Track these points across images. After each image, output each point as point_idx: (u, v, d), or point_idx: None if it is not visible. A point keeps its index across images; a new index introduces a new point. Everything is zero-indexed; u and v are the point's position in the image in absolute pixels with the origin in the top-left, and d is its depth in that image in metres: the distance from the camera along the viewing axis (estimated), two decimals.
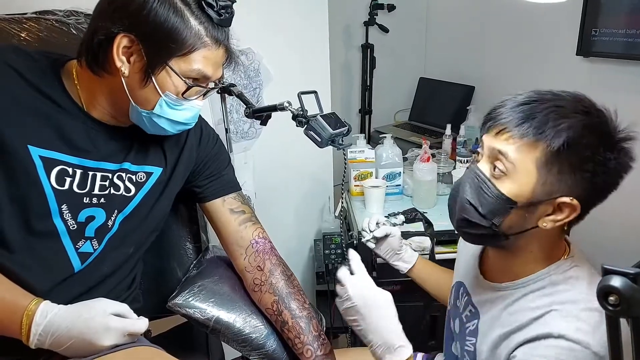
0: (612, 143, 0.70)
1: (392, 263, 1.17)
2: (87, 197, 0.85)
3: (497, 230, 0.76)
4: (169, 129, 0.86)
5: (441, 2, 2.54)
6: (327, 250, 1.79)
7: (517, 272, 0.80)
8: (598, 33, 1.57)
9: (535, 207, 0.73)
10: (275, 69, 1.62)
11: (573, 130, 0.68)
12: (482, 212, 0.76)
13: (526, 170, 0.71)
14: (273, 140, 1.64)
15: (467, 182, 0.78)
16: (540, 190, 0.72)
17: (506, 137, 0.73)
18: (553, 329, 0.71)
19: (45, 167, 0.80)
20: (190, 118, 0.87)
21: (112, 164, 0.88)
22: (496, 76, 2.19)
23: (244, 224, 1.03)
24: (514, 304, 0.79)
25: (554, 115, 0.70)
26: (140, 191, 0.92)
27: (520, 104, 0.72)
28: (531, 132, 0.70)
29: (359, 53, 2.47)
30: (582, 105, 0.72)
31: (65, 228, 0.83)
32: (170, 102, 0.82)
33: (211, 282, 1.04)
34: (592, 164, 0.69)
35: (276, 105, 1.03)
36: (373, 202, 1.67)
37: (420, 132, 2.37)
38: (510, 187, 0.73)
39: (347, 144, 1.00)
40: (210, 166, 1.03)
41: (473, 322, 0.87)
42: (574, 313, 0.72)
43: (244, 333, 0.98)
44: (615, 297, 0.47)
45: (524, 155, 0.71)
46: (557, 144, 0.68)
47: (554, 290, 0.76)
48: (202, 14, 0.78)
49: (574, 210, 0.72)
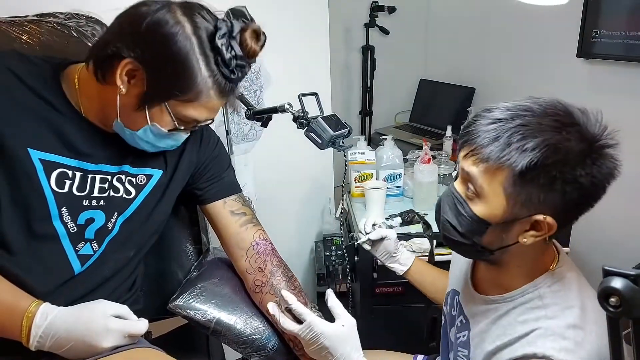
0: (584, 159, 0.67)
1: (388, 265, 1.18)
2: (86, 199, 0.86)
3: (479, 247, 0.77)
4: (149, 149, 0.86)
5: (442, 4, 2.55)
6: (327, 251, 1.79)
7: (506, 286, 0.81)
8: (598, 35, 1.57)
9: (510, 226, 0.73)
10: (276, 71, 1.62)
11: (538, 151, 0.66)
12: (461, 231, 0.77)
13: (494, 192, 0.71)
14: (274, 142, 1.64)
15: (446, 202, 0.80)
16: (511, 211, 0.71)
17: (474, 160, 0.72)
18: (538, 349, 0.71)
19: (45, 170, 0.81)
20: (171, 145, 0.87)
21: (111, 167, 0.88)
22: (496, 78, 2.19)
23: (244, 226, 1.03)
24: (502, 318, 0.80)
25: (518, 135, 0.68)
26: (140, 193, 0.92)
27: (489, 123, 0.71)
28: (494, 155, 0.69)
29: (359, 55, 2.48)
30: (551, 120, 0.69)
31: (65, 231, 0.84)
32: (155, 131, 0.82)
33: (212, 284, 1.04)
34: (561, 182, 0.67)
35: (277, 107, 1.04)
36: (373, 204, 1.67)
37: (420, 134, 2.37)
38: (482, 208, 0.74)
39: (348, 145, 1.00)
40: (211, 168, 1.03)
41: (464, 333, 0.88)
42: (558, 332, 0.72)
43: (245, 335, 0.97)
44: (616, 299, 0.47)
45: (490, 178, 0.71)
46: (521, 167, 0.67)
47: (541, 303, 0.76)
48: (216, 69, 0.77)
49: (550, 227, 0.71)
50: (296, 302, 0.92)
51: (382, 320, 1.63)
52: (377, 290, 1.60)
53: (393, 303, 1.61)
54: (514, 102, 0.73)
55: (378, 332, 1.60)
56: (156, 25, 0.74)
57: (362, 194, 1.74)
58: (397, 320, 1.62)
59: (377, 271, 1.54)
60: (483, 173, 0.72)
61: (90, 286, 0.89)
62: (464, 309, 0.90)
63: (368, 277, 1.58)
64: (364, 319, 1.63)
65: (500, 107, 0.73)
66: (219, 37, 0.75)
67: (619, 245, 1.61)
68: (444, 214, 0.80)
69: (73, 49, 0.97)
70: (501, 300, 0.81)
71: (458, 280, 0.96)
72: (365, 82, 2.47)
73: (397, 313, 1.61)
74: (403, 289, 1.59)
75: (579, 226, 0.79)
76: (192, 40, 0.75)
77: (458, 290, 0.95)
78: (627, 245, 1.58)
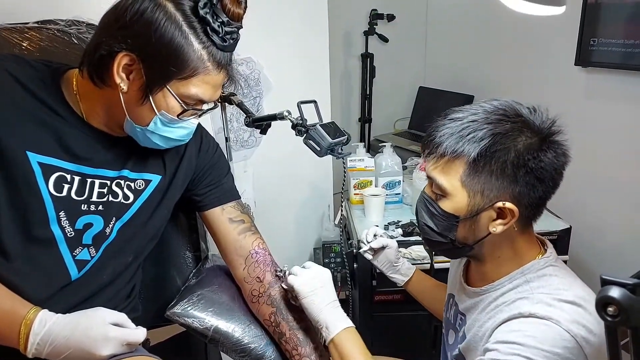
0: (534, 142, 0.74)
1: (389, 275, 1.18)
2: (85, 204, 0.85)
3: (457, 244, 0.82)
4: (162, 144, 0.86)
5: (440, 12, 2.56)
6: (326, 258, 1.79)
7: (493, 276, 0.84)
8: (596, 43, 1.58)
9: (477, 217, 0.78)
10: (276, 78, 1.63)
11: (485, 140, 0.74)
12: (437, 230, 0.82)
13: (454, 188, 0.78)
14: (273, 149, 1.65)
15: (420, 206, 0.86)
16: (474, 202, 0.77)
17: (434, 161, 0.80)
18: (523, 309, 0.74)
19: (43, 174, 0.81)
20: (184, 135, 0.87)
21: (110, 171, 0.88)
22: (495, 85, 2.20)
23: (243, 234, 1.03)
24: (490, 304, 0.83)
25: (467, 130, 0.75)
26: (138, 199, 0.92)
27: (442, 124, 0.79)
28: (449, 149, 0.76)
29: (358, 62, 2.49)
30: (496, 115, 0.76)
31: (62, 235, 0.83)
32: (165, 121, 0.82)
33: (210, 292, 1.04)
34: (513, 167, 0.74)
35: (276, 114, 1.04)
36: (373, 211, 1.67)
37: (420, 141, 2.37)
38: (449, 204, 0.79)
39: (346, 153, 1.01)
40: (210, 174, 1.03)
41: (462, 328, 0.90)
42: (545, 300, 0.75)
43: (243, 343, 0.97)
44: (614, 308, 0.47)
45: (448, 176, 0.78)
46: (473, 156, 0.74)
47: (528, 287, 0.79)
48: (207, 39, 0.78)
49: (512, 212, 0.76)
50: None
51: (381, 327, 1.62)
52: (376, 298, 1.60)
53: (392, 310, 1.61)
54: (469, 105, 0.80)
55: (377, 339, 1.60)
56: (140, 12, 0.75)
57: (361, 200, 1.74)
58: (396, 327, 1.61)
59: (376, 278, 1.54)
60: (442, 170, 0.78)
61: (87, 293, 0.88)
62: (459, 307, 0.92)
63: (367, 285, 1.57)
64: (363, 326, 1.62)
65: (455, 110, 0.80)
66: (201, 8, 0.76)
67: (618, 253, 1.61)
68: (420, 218, 0.85)
69: (73, 55, 0.97)
70: (490, 289, 0.84)
71: (453, 283, 0.98)
72: (364, 89, 2.48)
73: (396, 320, 1.61)
74: (402, 297, 1.58)
75: (578, 234, 0.79)
76: (177, 17, 0.76)
77: (453, 292, 0.97)
78: (626, 253, 1.58)
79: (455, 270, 1.00)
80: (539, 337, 0.71)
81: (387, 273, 1.18)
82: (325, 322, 0.89)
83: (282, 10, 1.61)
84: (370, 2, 2.41)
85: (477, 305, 0.86)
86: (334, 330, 0.88)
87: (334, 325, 0.89)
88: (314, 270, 0.96)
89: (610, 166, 1.60)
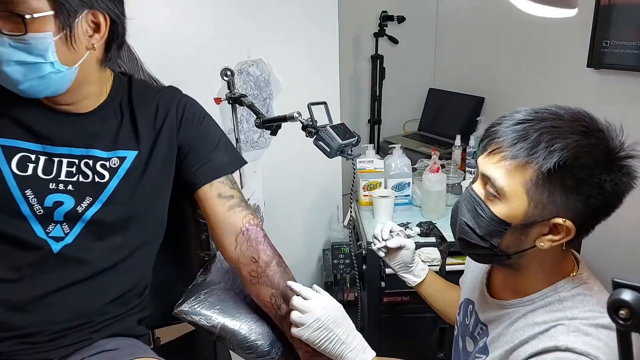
0: (609, 164, 0.68)
1: (401, 275, 1.14)
2: (53, 182, 0.86)
3: (497, 251, 0.76)
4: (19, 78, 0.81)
5: (451, 14, 2.55)
6: (335, 260, 1.79)
7: (524, 290, 0.80)
8: (609, 45, 1.56)
9: (529, 228, 0.73)
10: (286, 80, 1.64)
11: (567, 151, 0.67)
12: (479, 233, 0.76)
13: (515, 193, 0.71)
14: (282, 150, 1.65)
15: (464, 203, 0.79)
16: (532, 213, 0.71)
17: (498, 159, 0.73)
18: (560, 342, 0.69)
19: (5, 156, 0.84)
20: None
21: (76, 149, 0.88)
22: (506, 87, 2.19)
23: (232, 210, 0.98)
24: (519, 320, 0.78)
25: (547, 136, 0.68)
26: (114, 177, 0.90)
27: (516, 123, 0.72)
28: (523, 153, 0.69)
29: (368, 64, 2.49)
30: (580, 125, 0.70)
31: (31, 212, 0.85)
32: None
33: (217, 290, 1.04)
34: (588, 186, 0.68)
35: (286, 115, 1.05)
36: (382, 212, 1.67)
37: (429, 143, 2.37)
38: (502, 209, 0.73)
39: (356, 154, 1.01)
40: (197, 149, 0.98)
41: (483, 339, 0.86)
42: (582, 329, 0.70)
43: (250, 340, 0.98)
44: (626, 311, 0.46)
45: (512, 179, 0.71)
46: (548, 166, 0.67)
47: (561, 306, 0.74)
48: None
49: (569, 231, 0.71)
50: (302, 287, 0.90)
51: (390, 329, 1.62)
52: (385, 300, 1.60)
53: (400, 312, 1.61)
54: (539, 107, 0.73)
55: (385, 341, 1.60)
56: None
57: (370, 202, 1.74)
58: (405, 329, 1.61)
59: (384, 280, 1.54)
60: (506, 172, 0.72)
61: (81, 273, 0.87)
62: (480, 317, 0.88)
63: (376, 286, 1.57)
64: (371, 328, 1.62)
65: (525, 109, 0.73)
66: None
67: (630, 256, 1.59)
68: (461, 216, 0.79)
69: None
70: (519, 304, 0.79)
71: (472, 289, 0.94)
72: (374, 91, 2.48)
73: (404, 322, 1.61)
74: (410, 299, 1.58)
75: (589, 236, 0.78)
76: None
77: (472, 299, 0.93)
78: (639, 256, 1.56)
79: (475, 276, 0.95)
80: None
81: (398, 272, 1.13)
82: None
83: (292, 12, 1.62)
84: (381, 4, 2.41)
85: (502, 319, 0.81)
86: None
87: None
88: (317, 313, 0.86)
89: None
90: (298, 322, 0.86)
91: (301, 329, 0.86)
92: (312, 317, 0.85)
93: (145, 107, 0.95)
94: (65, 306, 0.86)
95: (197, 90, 1.06)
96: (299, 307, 0.87)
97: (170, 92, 1.01)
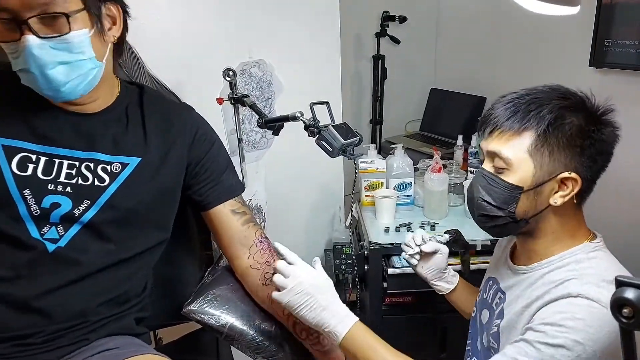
0: (592, 117, 0.80)
1: (433, 283, 1.12)
2: (52, 183, 0.86)
3: (515, 217, 0.83)
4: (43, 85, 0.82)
5: (452, 14, 2.55)
6: (337, 260, 1.79)
7: (543, 254, 0.86)
8: (611, 44, 1.56)
9: (541, 188, 0.81)
10: (287, 80, 1.64)
11: (554, 114, 0.79)
12: (496, 204, 0.83)
13: (521, 160, 0.81)
14: (285, 150, 1.65)
15: (477, 182, 0.87)
16: (539, 173, 0.80)
17: (498, 134, 0.83)
18: (572, 290, 0.75)
19: (6, 155, 0.84)
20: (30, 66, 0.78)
21: (78, 152, 0.88)
22: (508, 87, 2.15)
23: (246, 224, 1.04)
24: (537, 281, 0.84)
25: (535, 105, 0.80)
26: (115, 181, 0.90)
27: (506, 103, 0.84)
28: (517, 123, 0.80)
29: (370, 64, 2.48)
30: (558, 92, 0.82)
31: (28, 213, 0.85)
32: None
33: (225, 290, 1.04)
34: (580, 139, 0.79)
35: (288, 115, 1.05)
36: (384, 212, 1.67)
37: (431, 143, 2.36)
38: (513, 176, 0.82)
39: (358, 154, 1.01)
40: (208, 169, 1.01)
41: (500, 306, 0.90)
42: (594, 281, 0.76)
43: (258, 340, 0.98)
44: (629, 310, 0.46)
45: (515, 148, 0.81)
46: (542, 128, 0.79)
47: (578, 266, 0.80)
48: None
49: (576, 182, 0.80)
50: (288, 251, 0.93)
51: (392, 329, 1.61)
52: (387, 300, 1.59)
53: (403, 313, 1.60)
54: (522, 89, 0.85)
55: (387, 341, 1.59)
56: None
57: (372, 202, 1.73)
58: (407, 329, 1.61)
59: (386, 280, 1.54)
60: (508, 144, 0.81)
61: (74, 274, 0.86)
62: (500, 286, 0.93)
63: (378, 287, 1.57)
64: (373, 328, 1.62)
65: (510, 93, 0.85)
66: None
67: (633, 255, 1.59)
68: (477, 194, 0.86)
69: None
70: (538, 267, 0.85)
71: (496, 265, 1.00)
72: (375, 91, 2.48)
73: (406, 323, 1.60)
74: (413, 299, 1.58)
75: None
76: None
77: (494, 275, 0.98)
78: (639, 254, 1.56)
79: (500, 254, 1.01)
80: (588, 319, 0.71)
81: (431, 281, 1.11)
82: (328, 326, 0.86)
83: (293, 12, 1.62)
84: (382, 4, 2.41)
85: (521, 283, 0.87)
86: (342, 330, 0.86)
87: (341, 325, 0.86)
88: (299, 277, 0.88)
89: (625, 167, 1.58)
90: (279, 284, 0.88)
91: (282, 292, 0.87)
92: (294, 281, 0.87)
93: (158, 117, 0.97)
94: (61, 306, 0.86)
95: (199, 90, 1.07)
96: (282, 271, 0.89)
97: (186, 109, 1.05)
